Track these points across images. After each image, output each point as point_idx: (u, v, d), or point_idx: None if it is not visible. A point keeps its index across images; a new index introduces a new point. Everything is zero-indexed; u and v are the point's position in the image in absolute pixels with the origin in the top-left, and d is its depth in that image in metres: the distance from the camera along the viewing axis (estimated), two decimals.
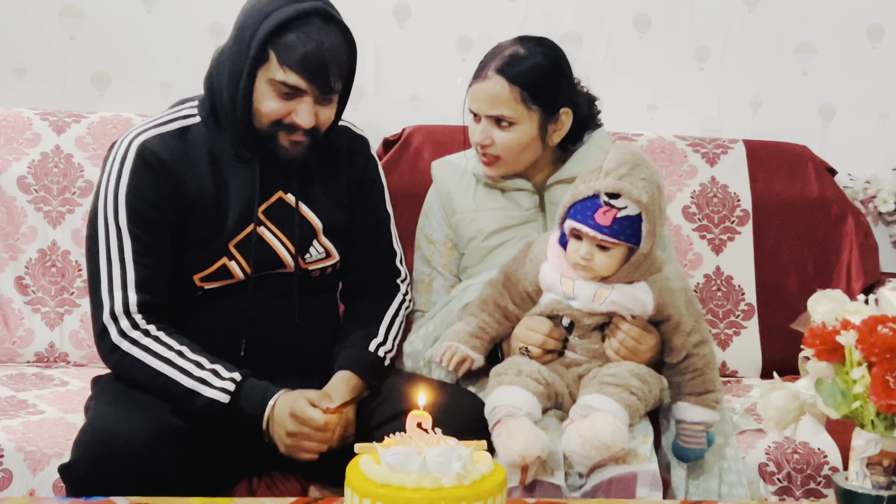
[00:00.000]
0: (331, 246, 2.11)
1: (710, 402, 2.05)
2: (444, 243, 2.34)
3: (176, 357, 1.91)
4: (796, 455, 2.23)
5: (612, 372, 2.04)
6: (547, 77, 2.22)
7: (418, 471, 1.53)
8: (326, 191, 2.11)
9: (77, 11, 2.80)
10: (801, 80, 3.04)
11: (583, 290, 2.04)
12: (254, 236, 2.03)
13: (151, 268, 1.96)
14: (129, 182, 1.95)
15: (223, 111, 1.98)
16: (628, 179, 1.98)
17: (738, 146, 2.85)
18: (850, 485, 1.47)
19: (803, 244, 2.80)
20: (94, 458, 1.82)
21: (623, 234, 1.98)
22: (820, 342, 1.44)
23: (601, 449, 1.92)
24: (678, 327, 2.06)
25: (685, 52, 3.00)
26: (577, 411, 1.99)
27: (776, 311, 2.74)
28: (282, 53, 1.90)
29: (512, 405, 1.97)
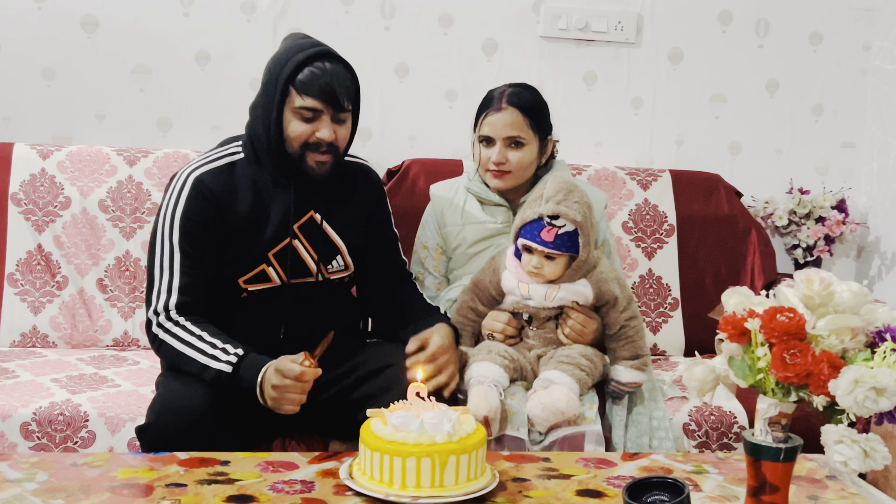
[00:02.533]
0: (350, 261, 2.10)
1: (640, 365, 2.08)
2: (436, 249, 2.35)
3: (196, 340, 1.89)
4: (713, 417, 2.24)
5: (565, 353, 2.05)
6: (541, 109, 2.27)
7: (417, 430, 1.55)
8: (347, 215, 2.10)
9: (145, 69, 2.80)
10: (714, 123, 3.06)
11: (536, 292, 2.06)
12: (289, 248, 2.01)
13: (194, 276, 1.94)
14: (184, 208, 1.95)
15: (261, 148, 1.98)
16: (565, 204, 2.01)
17: (665, 175, 2.87)
18: (756, 439, 1.47)
19: (717, 251, 2.82)
20: (162, 420, 1.82)
21: (564, 246, 2.01)
22: (731, 328, 1.44)
23: (557, 414, 1.94)
24: (614, 306, 2.08)
25: (624, 102, 3.02)
26: (539, 384, 2.01)
27: (696, 303, 2.76)
28: (300, 86, 1.92)
29: (482, 375, 1.99)
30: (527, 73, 2.92)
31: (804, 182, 3.06)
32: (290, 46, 1.96)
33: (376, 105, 2.90)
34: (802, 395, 1.40)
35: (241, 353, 1.86)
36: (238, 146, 2.05)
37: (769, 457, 1.44)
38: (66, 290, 2.55)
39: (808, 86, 3.07)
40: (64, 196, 2.59)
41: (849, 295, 1.43)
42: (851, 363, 1.38)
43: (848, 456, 1.37)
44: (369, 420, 1.61)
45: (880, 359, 1.37)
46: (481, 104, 2.29)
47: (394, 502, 1.51)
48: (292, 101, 1.93)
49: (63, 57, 2.76)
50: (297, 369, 1.79)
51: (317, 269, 2.05)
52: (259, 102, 1.98)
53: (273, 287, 2.03)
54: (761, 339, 1.42)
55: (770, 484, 1.46)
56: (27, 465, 1.64)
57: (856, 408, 1.35)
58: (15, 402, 2.08)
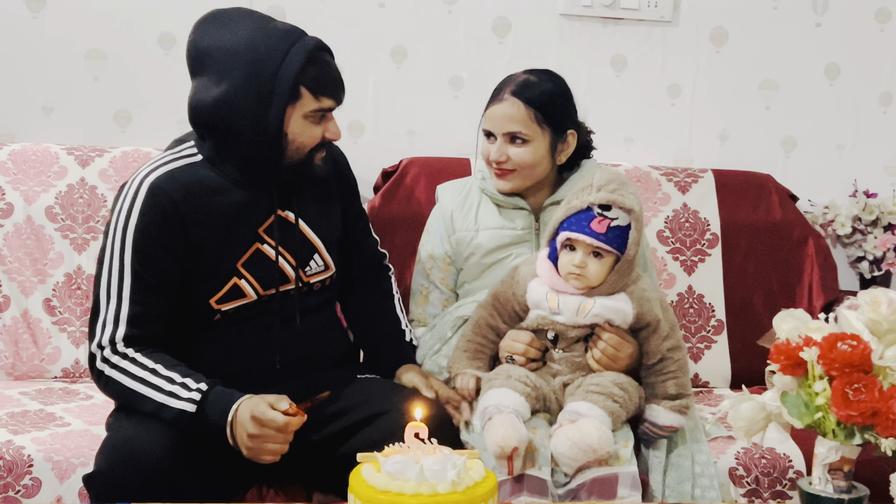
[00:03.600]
0: (329, 258, 2.11)
1: (681, 407, 2.07)
2: (444, 259, 2.35)
3: (149, 375, 1.88)
4: (764, 460, 2.22)
5: (596, 381, 2.05)
6: (556, 101, 2.27)
7: (416, 478, 1.52)
8: (321, 207, 2.11)
9: (100, 54, 2.80)
10: (764, 115, 3.05)
11: (567, 305, 2.05)
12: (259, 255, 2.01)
13: (146, 305, 1.93)
14: (138, 222, 1.92)
15: (233, 146, 1.96)
16: (619, 192, 2.03)
17: (707, 175, 2.86)
18: (814, 489, 1.46)
19: (768, 265, 2.81)
20: (114, 468, 1.80)
21: (615, 241, 2.02)
22: (785, 357, 1.44)
23: (588, 452, 1.93)
24: (655, 331, 2.07)
25: (658, 90, 3.02)
26: (566, 416, 2.00)
27: (744, 326, 2.75)
28: (315, 87, 1.92)
29: (500, 404, 1.99)
30: (545, 58, 2.92)
31: (870, 183, 3.05)
32: (270, 35, 1.91)
33: (369, 95, 2.89)
34: (868, 437, 1.40)
35: (205, 388, 1.85)
36: (192, 147, 2.03)
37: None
38: (7, 313, 2.54)
39: (875, 71, 3.06)
40: (5, 202, 2.58)
41: None
42: None
43: None
44: (360, 466, 1.60)
45: None
46: (495, 88, 2.30)
47: None
48: (304, 104, 1.93)
49: (4, 40, 2.76)
50: (280, 419, 1.79)
51: (295, 274, 2.05)
52: (238, 102, 1.90)
53: (249, 303, 2.03)
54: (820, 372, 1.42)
55: None
56: None
57: None
58: None
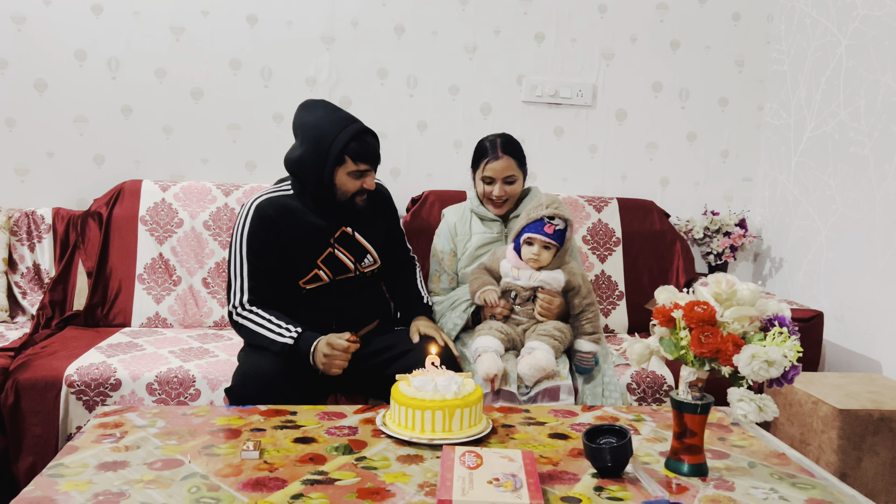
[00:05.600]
0: (377, 257, 2.10)
1: (596, 339, 2.06)
2: (449, 254, 2.32)
3: (266, 322, 1.87)
4: (648, 379, 2.21)
5: (543, 328, 2.04)
6: (520, 149, 2.26)
7: (432, 390, 1.54)
8: (371, 224, 2.09)
9: (237, 126, 2.80)
10: (649, 163, 3.04)
11: (523, 275, 2.06)
12: (332, 255, 2.01)
13: (258, 280, 1.92)
14: (249, 228, 1.92)
15: (308, 188, 1.95)
16: (560, 208, 2.05)
17: (613, 201, 2.85)
18: (680, 397, 1.45)
19: (651, 257, 2.80)
20: (244, 383, 1.81)
21: (558, 239, 2.03)
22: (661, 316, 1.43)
23: (540, 371, 1.93)
24: (577, 293, 2.06)
25: (583, 148, 3.00)
26: (525, 351, 2.00)
27: (636, 295, 2.73)
28: (355, 156, 1.90)
29: (485, 346, 1.99)
30: (512, 128, 2.92)
31: (715, 206, 3.04)
32: (333, 120, 1.89)
33: (403, 151, 2.89)
34: (714, 365, 1.39)
35: (300, 331, 1.85)
36: (288, 184, 2.02)
37: (689, 410, 1.43)
38: (180, 286, 2.55)
39: (718, 136, 3.05)
40: (178, 218, 2.59)
41: (748, 292, 1.42)
42: (750, 342, 1.37)
43: (747, 410, 1.36)
44: (397, 383, 1.61)
45: (770, 340, 1.36)
46: (478, 150, 2.27)
47: (415, 442, 1.51)
48: (347, 166, 1.90)
49: (177, 117, 2.76)
50: (344, 343, 1.79)
51: (354, 266, 2.03)
52: (307, 160, 1.90)
53: (324, 284, 2.01)
54: (683, 325, 1.40)
55: (690, 430, 1.44)
56: (150, 415, 1.64)
57: (753, 375, 1.34)
58: (142, 368, 2.08)
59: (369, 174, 1.95)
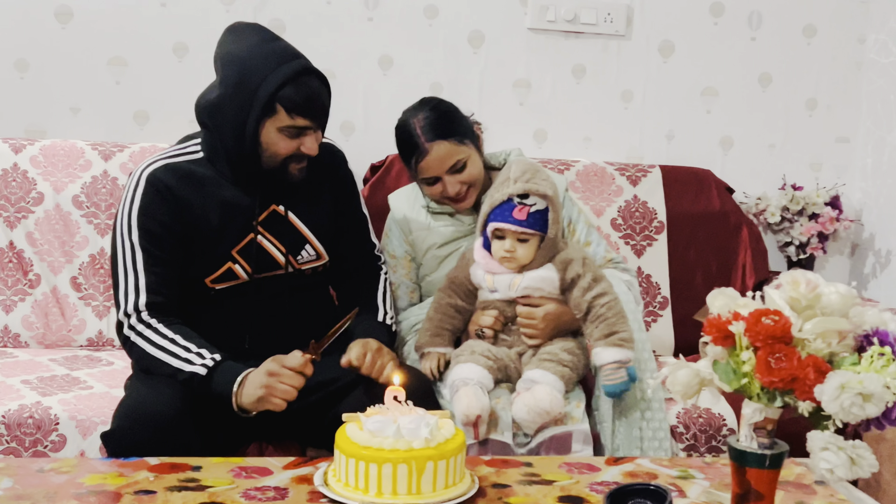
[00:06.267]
0: (321, 248, 2.09)
1: (617, 341, 2.00)
2: (404, 257, 2.33)
3: (168, 343, 1.88)
4: (701, 419, 2.23)
5: (547, 350, 2.05)
6: (454, 117, 2.24)
7: (394, 435, 1.53)
8: (313, 202, 2.09)
9: (122, 61, 2.78)
10: (705, 117, 3.05)
11: (500, 283, 2.07)
12: (253, 243, 2.01)
13: (160, 274, 1.94)
14: (140, 205, 1.94)
15: (224, 148, 1.95)
16: (533, 181, 2.03)
17: (655, 170, 2.86)
18: (741, 445, 1.45)
19: (707, 249, 2.81)
20: (129, 426, 1.80)
21: (536, 224, 2.02)
22: (716, 331, 1.43)
23: (542, 414, 1.93)
24: (576, 284, 2.05)
25: (613, 95, 3.01)
26: (522, 385, 2.00)
27: (686, 302, 2.75)
28: (290, 106, 1.89)
29: (465, 377, 1.99)
30: (514, 67, 2.92)
31: (797, 178, 3.05)
32: (265, 53, 1.89)
33: (359, 98, 2.88)
34: (788, 400, 1.39)
35: (218, 359, 1.86)
36: (196, 145, 2.03)
37: (754, 463, 1.43)
38: (38, 289, 2.53)
39: (802, 80, 3.06)
40: (36, 192, 2.56)
41: (836, 297, 1.41)
42: (838, 367, 1.37)
43: (834, 463, 1.36)
44: (345, 425, 1.60)
45: (867, 363, 1.36)
46: (400, 143, 2.25)
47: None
48: (279, 119, 1.91)
49: (37, 48, 2.73)
50: (299, 360, 1.81)
51: (285, 260, 2.04)
52: (225, 106, 1.91)
53: (241, 284, 2.02)
54: (746, 343, 1.40)
55: (755, 491, 1.44)
56: None
57: (842, 413, 1.33)
58: None
59: (309, 133, 1.96)
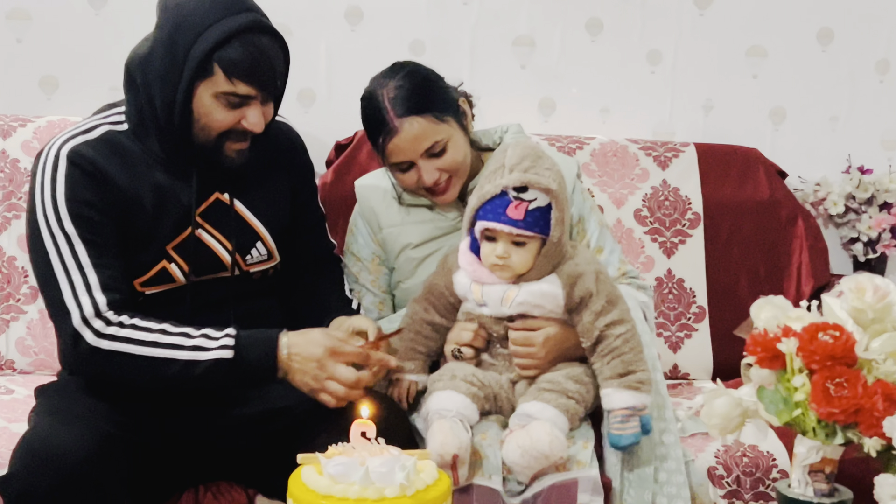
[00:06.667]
0: (274, 246, 2.10)
1: (634, 383, 1.99)
2: (372, 260, 2.32)
3: (161, 336, 1.87)
4: (745, 459, 2.22)
5: (547, 378, 2.03)
6: (433, 88, 2.22)
7: (361, 481, 1.52)
8: (267, 192, 2.09)
9: (24, 14, 2.76)
10: (752, 84, 3.05)
11: (491, 295, 2.04)
12: (192, 238, 2.00)
13: (112, 267, 1.92)
14: (66, 188, 1.91)
15: (154, 120, 1.95)
16: (534, 171, 1.99)
17: (689, 149, 2.86)
18: (793, 492, 1.46)
19: (754, 247, 2.81)
20: (30, 470, 1.78)
21: (536, 225, 1.99)
22: (761, 349, 1.44)
23: (540, 459, 1.91)
24: (586, 306, 2.03)
25: (637, 56, 3.01)
26: (516, 421, 1.98)
27: (727, 313, 2.74)
28: (230, 68, 1.89)
29: (443, 408, 1.97)
30: (513, 22, 2.91)
31: (865, 158, 3.05)
32: (212, 2, 1.89)
33: (321, 60, 2.88)
34: (851, 436, 1.40)
35: (234, 333, 1.88)
36: (120, 114, 2.02)
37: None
38: None
39: (872, 36, 3.06)
40: None
41: None
42: None
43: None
44: (300, 468, 1.59)
45: None
46: (368, 120, 2.22)
47: None
48: (216, 83, 1.90)
49: None
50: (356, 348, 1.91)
51: (231, 259, 2.04)
52: (156, 61, 1.92)
53: (178, 287, 2.02)
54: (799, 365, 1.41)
55: None
56: None
57: None
58: None
59: (253, 104, 1.95)
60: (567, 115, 2.96)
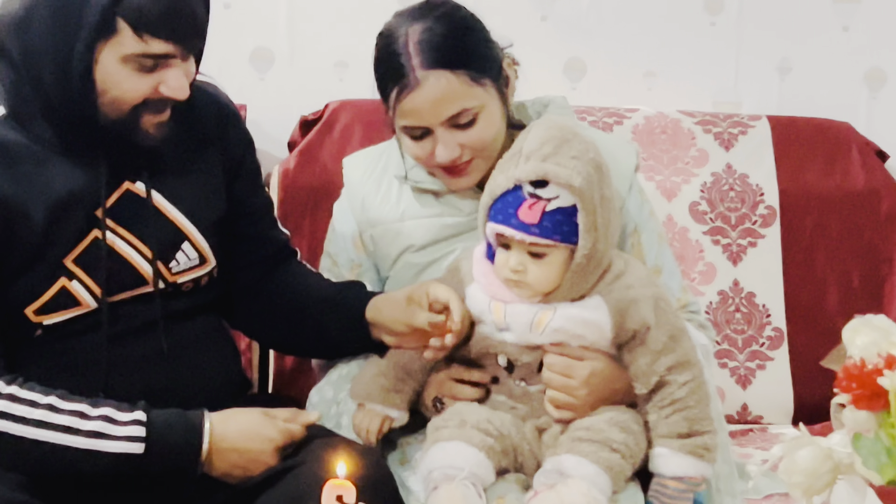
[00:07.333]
0: (206, 247, 2.11)
1: (699, 449, 2.00)
2: (350, 268, 2.32)
3: (48, 414, 1.88)
4: None
5: (585, 425, 2.02)
6: (475, 38, 2.20)
7: None
8: (192, 177, 2.11)
9: None
10: (841, 38, 3.07)
11: (517, 318, 2.02)
12: (101, 246, 2.01)
13: None
14: None
15: (40, 99, 1.96)
16: (554, 160, 1.96)
17: (760, 124, 2.88)
18: None
19: (846, 250, 2.83)
20: None
21: (556, 232, 1.96)
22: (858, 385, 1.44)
23: None
24: (643, 343, 2.02)
25: (692, 4, 3.02)
26: (542, 479, 1.98)
27: (812, 337, 2.76)
28: (136, 20, 1.89)
29: (451, 466, 1.96)
30: None
31: None
32: None
33: (281, 13, 2.91)
34: None
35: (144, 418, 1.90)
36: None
37: None
38: None
39: None
40: None
41: None
42: None
43: None
44: None
45: None
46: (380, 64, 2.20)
47: None
48: (121, 43, 1.90)
49: None
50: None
51: (152, 270, 2.04)
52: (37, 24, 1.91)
53: (84, 314, 2.02)
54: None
55: None
56: None
57: None
58: None
59: (173, 64, 1.96)
60: (601, 81, 2.99)
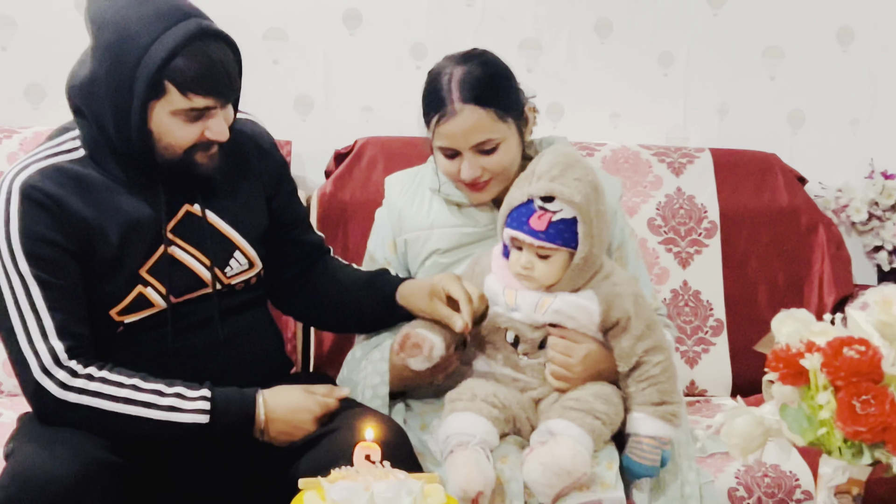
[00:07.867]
0: (253, 254, 2.09)
1: (668, 415, 2.02)
2: (384, 265, 2.30)
3: (133, 392, 1.87)
4: (767, 479, 2.22)
5: (574, 396, 2.03)
6: (505, 84, 2.21)
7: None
8: (239, 197, 2.09)
9: (9, 21, 2.77)
10: (768, 86, 3.05)
11: (525, 301, 2.05)
12: (166, 258, 2.00)
13: (67, 311, 1.90)
14: (20, 225, 1.89)
15: (110, 146, 1.94)
16: (560, 181, 2.00)
17: (704, 155, 2.86)
18: None
19: (773, 256, 2.81)
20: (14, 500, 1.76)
21: (560, 237, 1.99)
22: (784, 365, 1.43)
23: (562, 475, 1.91)
24: (626, 330, 2.04)
25: (648, 58, 3.01)
26: (537, 438, 1.99)
27: (746, 326, 2.75)
28: (183, 83, 1.86)
29: (465, 433, 1.96)
30: (518, 23, 2.92)
31: (889, 163, 3.04)
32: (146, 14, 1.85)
33: (319, 65, 2.88)
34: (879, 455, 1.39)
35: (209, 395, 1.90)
36: (75, 139, 1.99)
37: None
38: None
39: (894, 35, 3.05)
40: None
41: None
42: None
43: None
44: (302, 493, 1.59)
45: None
46: (426, 94, 2.21)
47: None
48: (171, 101, 1.88)
49: None
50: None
51: (211, 275, 2.04)
52: (101, 86, 1.88)
53: (158, 312, 2.01)
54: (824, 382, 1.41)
55: None
56: None
57: None
58: None
59: (214, 114, 1.94)
60: (576, 121, 2.96)
